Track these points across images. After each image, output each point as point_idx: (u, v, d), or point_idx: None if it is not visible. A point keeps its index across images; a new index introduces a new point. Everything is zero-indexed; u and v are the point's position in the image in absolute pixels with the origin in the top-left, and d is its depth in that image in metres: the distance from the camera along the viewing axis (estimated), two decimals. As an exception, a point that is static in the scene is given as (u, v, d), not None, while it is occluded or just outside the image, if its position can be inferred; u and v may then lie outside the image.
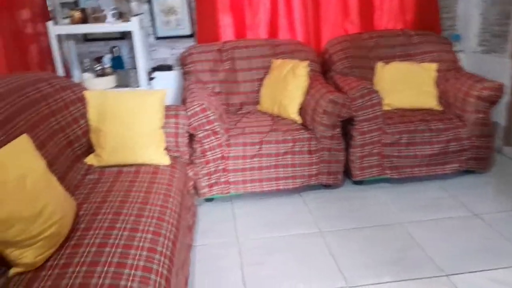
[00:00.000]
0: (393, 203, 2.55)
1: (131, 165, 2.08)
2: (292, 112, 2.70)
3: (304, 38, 3.22)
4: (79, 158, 2.09)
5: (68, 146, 2.02)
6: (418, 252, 2.08)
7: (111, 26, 2.72)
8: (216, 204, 2.63)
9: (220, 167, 2.49)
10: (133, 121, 2.08)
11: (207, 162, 2.47)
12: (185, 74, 2.89)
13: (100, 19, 2.76)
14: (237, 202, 2.65)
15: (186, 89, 2.72)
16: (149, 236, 1.50)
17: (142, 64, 2.75)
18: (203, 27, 3.10)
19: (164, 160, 2.12)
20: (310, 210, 2.52)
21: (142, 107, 2.13)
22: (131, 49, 3.08)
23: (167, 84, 3.16)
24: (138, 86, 2.81)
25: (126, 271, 1.29)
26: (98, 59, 3.07)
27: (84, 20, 2.77)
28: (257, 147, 2.50)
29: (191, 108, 2.35)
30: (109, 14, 2.73)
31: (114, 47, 2.99)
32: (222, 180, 2.52)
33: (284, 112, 2.74)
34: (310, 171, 2.60)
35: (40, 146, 1.79)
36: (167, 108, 2.30)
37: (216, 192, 2.54)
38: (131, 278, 1.27)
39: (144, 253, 1.40)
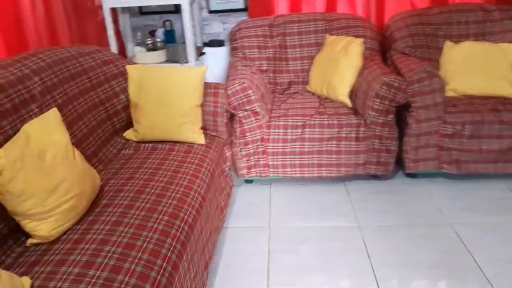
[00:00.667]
0: (448, 200, 2.29)
1: (166, 141, 2.07)
2: (342, 94, 2.51)
3: (364, 12, 2.95)
4: (118, 132, 2.12)
5: (107, 120, 2.06)
6: (466, 258, 1.85)
7: (161, -1, 2.70)
8: (255, 187, 2.57)
9: (259, 149, 2.41)
10: (171, 98, 2.06)
11: (246, 143, 2.40)
12: (233, 50, 2.81)
13: (153, -8, 2.75)
14: (276, 186, 2.56)
15: (231, 66, 2.65)
16: (166, 218, 1.47)
17: (191, 39, 2.71)
18: (256, 0, 2.96)
19: (199, 139, 2.08)
20: (352, 201, 2.35)
21: (181, 84, 2.09)
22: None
23: (218, 60, 3.10)
24: (186, 62, 2.79)
25: (133, 253, 1.28)
26: (152, 33, 3.09)
27: (137, -7, 2.78)
28: (300, 130, 2.37)
29: (231, 87, 2.27)
30: (161, -13, 2.70)
31: (166, 20, 2.98)
32: (261, 162, 2.44)
33: (333, 93, 2.55)
34: (357, 159, 2.41)
35: (77, 119, 1.83)
36: (207, 85, 2.25)
37: (254, 174, 2.48)
38: (136, 261, 1.25)
39: (156, 235, 1.38)
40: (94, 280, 1.16)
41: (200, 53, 3.00)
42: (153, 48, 2.90)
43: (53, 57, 1.84)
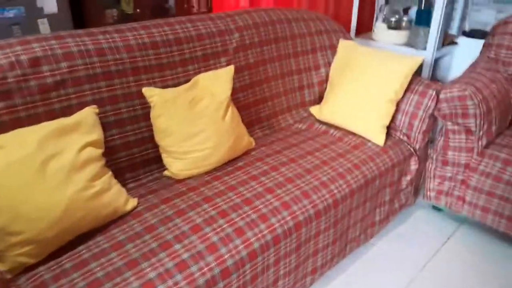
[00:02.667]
0: None
1: (341, 129, 1.91)
2: None
3: None
4: (304, 104, 2.09)
5: (297, 90, 2.05)
6: None
7: (421, -27, 2.34)
8: (439, 217, 2.08)
9: (458, 177, 1.90)
10: (366, 84, 1.85)
11: (445, 163, 1.92)
12: (484, 47, 2.19)
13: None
14: (467, 228, 2.00)
15: (471, 65, 2.09)
16: (277, 203, 1.39)
17: (437, 23, 2.27)
18: (556, -13, 2.17)
19: (378, 138, 1.81)
20: None
21: (383, 72, 1.84)
22: (451, 3, 2.57)
23: (471, 54, 2.52)
24: (423, 49, 2.38)
25: (221, 221, 1.29)
26: (406, 11, 2.77)
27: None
28: (526, 174, 1.71)
29: (448, 90, 1.82)
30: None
31: (424, -2, 2.58)
32: (456, 193, 1.92)
33: None
34: None
35: (263, 81, 1.90)
36: (417, 81, 1.89)
37: (443, 203, 1.99)
38: (217, 230, 1.26)
39: (254, 216, 1.33)
40: (173, 228, 1.26)
41: (449, 42, 2.50)
42: (396, 26, 2.61)
43: (266, 17, 1.92)
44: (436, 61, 2.71)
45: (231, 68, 1.63)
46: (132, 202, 1.34)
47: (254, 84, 1.86)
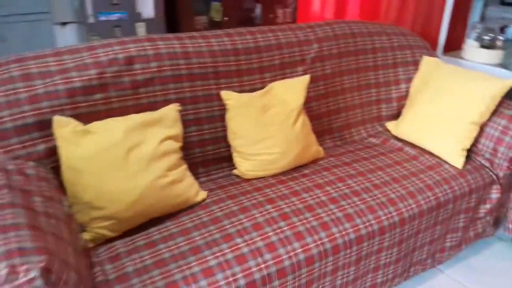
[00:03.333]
0: None
1: (418, 147, 1.84)
2: None
3: None
4: (381, 119, 2.04)
5: (374, 104, 2.02)
6: None
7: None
8: (524, 254, 1.90)
9: (548, 211, 1.72)
10: (448, 103, 1.77)
11: (532, 195, 1.76)
12: None
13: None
14: (557, 270, 1.79)
15: None
16: (339, 214, 1.39)
17: (538, 44, 2.10)
18: None
19: (455, 160, 1.72)
20: None
21: (468, 92, 1.75)
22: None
23: None
24: (518, 70, 2.21)
25: (276, 226, 1.32)
26: (503, 29, 2.58)
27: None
28: None
29: (542, 116, 1.67)
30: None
31: (524, 16, 2.39)
32: (543, 229, 1.75)
33: None
34: None
35: (339, 92, 1.91)
36: (506, 104, 1.76)
37: (527, 238, 1.82)
38: (267, 234, 1.30)
39: (313, 223, 1.34)
40: (236, 223, 1.32)
41: (550, 65, 2.28)
42: (489, 45, 2.44)
43: (347, 29, 1.93)
44: (534, 85, 2.48)
45: (306, 78, 1.67)
46: (202, 195, 1.43)
47: (329, 94, 1.87)
